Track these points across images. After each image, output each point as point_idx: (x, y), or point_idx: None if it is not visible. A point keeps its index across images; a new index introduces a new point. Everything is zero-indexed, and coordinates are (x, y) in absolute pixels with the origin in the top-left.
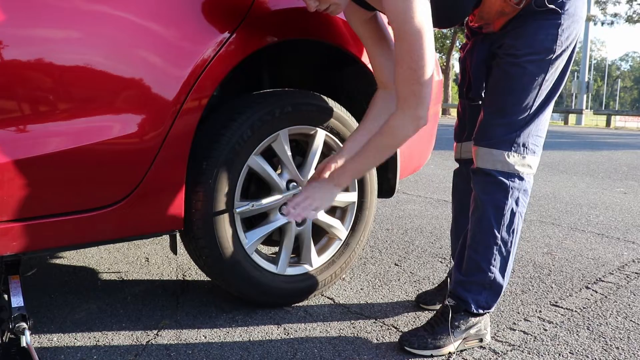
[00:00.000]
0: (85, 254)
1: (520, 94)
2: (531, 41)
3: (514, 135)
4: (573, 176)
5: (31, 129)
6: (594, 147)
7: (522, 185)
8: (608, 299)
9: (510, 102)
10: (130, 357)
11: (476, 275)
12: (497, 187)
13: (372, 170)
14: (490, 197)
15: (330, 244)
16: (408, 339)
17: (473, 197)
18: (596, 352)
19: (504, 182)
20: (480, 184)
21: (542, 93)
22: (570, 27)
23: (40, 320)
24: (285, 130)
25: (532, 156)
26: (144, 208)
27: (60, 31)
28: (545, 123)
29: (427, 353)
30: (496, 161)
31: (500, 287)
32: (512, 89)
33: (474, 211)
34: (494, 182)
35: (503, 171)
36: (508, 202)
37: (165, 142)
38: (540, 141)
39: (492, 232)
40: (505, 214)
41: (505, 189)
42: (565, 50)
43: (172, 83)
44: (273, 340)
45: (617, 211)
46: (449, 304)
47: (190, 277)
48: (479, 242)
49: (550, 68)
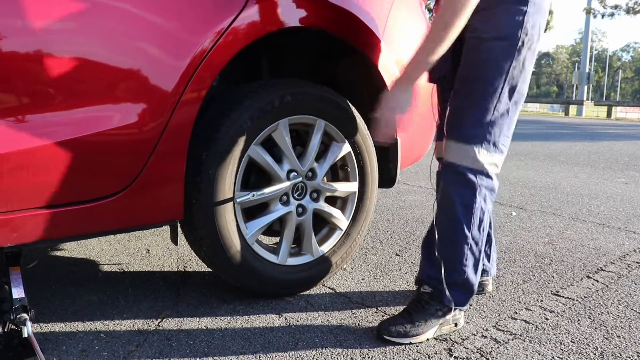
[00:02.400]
0: (86, 245)
1: (487, 78)
2: (497, 25)
3: (484, 130)
4: (574, 167)
5: (30, 120)
6: (595, 138)
7: (489, 183)
8: (609, 288)
9: (478, 87)
10: (131, 347)
11: (450, 274)
12: (466, 185)
13: (373, 161)
14: (459, 195)
15: (331, 234)
16: (387, 328)
17: (441, 190)
18: (597, 341)
19: (472, 180)
20: (449, 180)
21: (510, 81)
22: (534, 17)
23: (41, 312)
24: (285, 120)
25: (500, 155)
26: (144, 199)
27: (59, 22)
28: (513, 124)
29: (406, 341)
30: (466, 157)
31: (473, 285)
32: (479, 73)
33: (442, 207)
34: (462, 180)
35: (472, 168)
36: (477, 200)
37: (164, 133)
38: (508, 142)
39: (463, 232)
40: (475, 213)
41: (473, 186)
42: (530, 40)
43: (170, 74)
44: (274, 330)
45: (618, 201)
46: (424, 291)
47: (191, 268)
48: (451, 241)
49: (516, 55)
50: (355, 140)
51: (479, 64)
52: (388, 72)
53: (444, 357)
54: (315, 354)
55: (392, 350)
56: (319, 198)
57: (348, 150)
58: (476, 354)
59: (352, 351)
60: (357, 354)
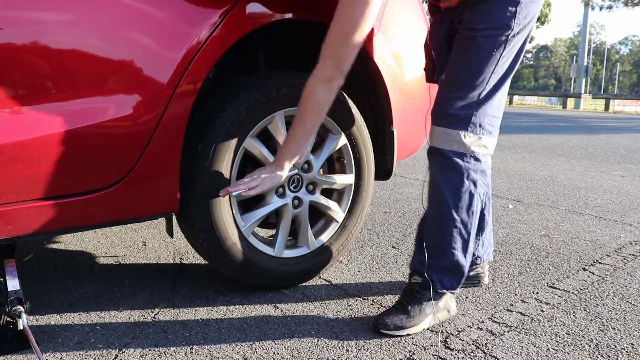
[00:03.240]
0: (82, 238)
1: (476, 68)
2: (490, 16)
3: (470, 113)
4: (571, 159)
5: (25, 112)
6: (592, 131)
7: (479, 166)
8: (605, 281)
9: (466, 76)
10: (127, 339)
11: (439, 258)
12: (453, 169)
13: (370, 153)
14: (447, 179)
15: (327, 226)
16: (383, 322)
17: (430, 178)
18: (592, 333)
19: (459, 163)
20: (437, 166)
21: (498, 70)
22: (529, 6)
23: (37, 304)
24: (281, 112)
25: (489, 137)
26: (140, 191)
27: (53, 13)
28: (501, 103)
29: (404, 332)
30: (452, 141)
31: (463, 268)
32: (468, 62)
33: (432, 193)
34: (449, 164)
35: (458, 152)
36: (465, 183)
37: (159, 125)
38: (497, 122)
39: (451, 215)
40: (462, 196)
41: (460, 170)
42: (523, 30)
43: (166, 65)
44: (270, 322)
45: (614, 194)
46: (415, 281)
47: (187, 260)
48: (440, 225)
49: (507, 45)
50: (352, 133)
51: (469, 53)
52: (384, 63)
53: (440, 348)
54: (311, 345)
55: (388, 342)
56: (315, 190)
57: (344, 143)
58: (471, 345)
59: (348, 343)
60: (352, 345)
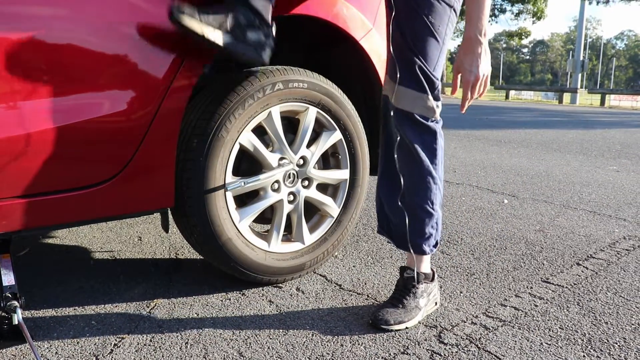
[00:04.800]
0: (77, 233)
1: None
2: None
3: (434, 77)
4: (566, 154)
5: (20, 107)
6: (588, 126)
7: (439, 128)
8: (598, 275)
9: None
10: (122, 334)
11: (425, 222)
12: (426, 131)
13: (365, 148)
14: (421, 141)
15: (322, 221)
16: (383, 318)
17: (400, 141)
18: (586, 327)
19: (429, 125)
20: (408, 129)
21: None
22: None
23: (32, 299)
24: (277, 108)
25: (440, 102)
26: (135, 186)
27: (47, 8)
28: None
29: (403, 327)
30: (423, 106)
31: (439, 220)
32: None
33: (406, 155)
34: (422, 126)
35: (426, 115)
36: (438, 141)
37: (154, 120)
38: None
39: (431, 173)
40: (438, 154)
41: (432, 131)
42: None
43: (161, 60)
44: (265, 316)
45: (609, 189)
46: (408, 275)
47: (183, 255)
48: (419, 186)
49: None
50: (347, 128)
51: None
52: (379, 58)
53: (434, 343)
54: (305, 340)
55: (382, 336)
56: (310, 185)
57: (339, 138)
58: (465, 340)
59: (343, 338)
60: (347, 340)
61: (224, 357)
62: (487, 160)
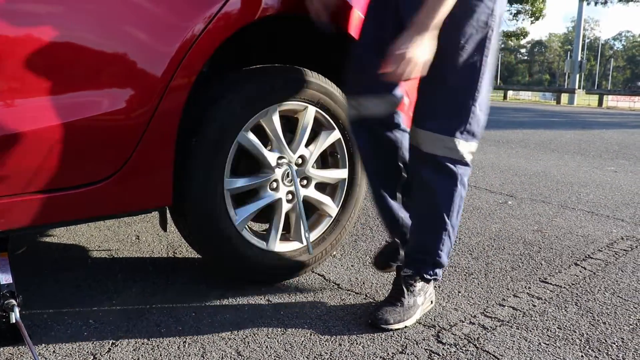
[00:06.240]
0: (75, 231)
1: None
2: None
3: (462, 121)
4: (564, 155)
5: (17, 104)
6: (586, 127)
7: (467, 171)
8: (596, 276)
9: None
10: (120, 333)
11: (423, 255)
12: (448, 174)
13: None
14: (441, 184)
15: (320, 220)
16: (383, 317)
17: (419, 180)
18: (583, 327)
19: (453, 170)
20: (429, 170)
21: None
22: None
23: (30, 298)
24: (275, 107)
25: (476, 142)
26: (133, 185)
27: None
28: (487, 106)
29: (402, 325)
30: (446, 148)
31: (444, 265)
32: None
33: (421, 195)
34: (443, 169)
35: (452, 158)
36: (457, 188)
37: (153, 119)
38: (483, 126)
39: (443, 219)
40: (455, 201)
41: (454, 175)
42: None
43: (159, 59)
44: (263, 316)
45: (607, 189)
46: (405, 274)
47: (181, 254)
48: (429, 226)
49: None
50: (346, 127)
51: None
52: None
53: (432, 342)
54: (303, 340)
55: (381, 336)
56: (309, 185)
57: (338, 137)
58: (464, 340)
59: (341, 337)
60: (345, 340)
61: (222, 356)
62: (485, 160)
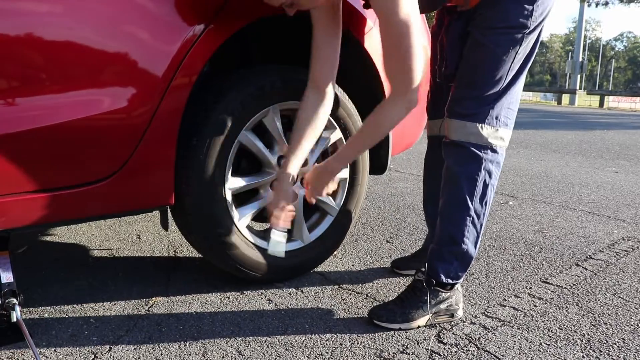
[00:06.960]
0: (76, 231)
1: (492, 67)
2: (506, 15)
3: (487, 107)
4: (565, 155)
5: (19, 103)
6: (587, 127)
7: (495, 157)
8: (597, 276)
9: (482, 75)
10: (121, 332)
11: (449, 246)
12: (471, 159)
13: None
14: (464, 169)
15: (321, 220)
16: (377, 312)
17: (445, 169)
18: (585, 328)
19: (477, 154)
20: (454, 156)
21: (515, 67)
22: (544, 3)
23: (31, 297)
24: (276, 106)
25: (505, 129)
26: (134, 184)
27: (48, 4)
28: (517, 96)
29: (395, 326)
30: (469, 134)
31: (471, 258)
32: (483, 61)
33: (446, 183)
34: (467, 155)
35: (477, 143)
36: (481, 173)
37: (154, 118)
38: (513, 114)
39: (466, 204)
40: (478, 186)
41: (478, 160)
42: (538, 26)
43: (161, 58)
44: (264, 315)
45: (608, 190)
46: (418, 278)
47: (182, 253)
48: (453, 213)
49: (523, 42)
50: (347, 127)
51: (486, 52)
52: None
53: (433, 343)
54: (304, 339)
55: (381, 336)
56: None
57: (339, 137)
58: (465, 340)
59: (342, 337)
60: (346, 339)
61: (222, 355)
62: None
